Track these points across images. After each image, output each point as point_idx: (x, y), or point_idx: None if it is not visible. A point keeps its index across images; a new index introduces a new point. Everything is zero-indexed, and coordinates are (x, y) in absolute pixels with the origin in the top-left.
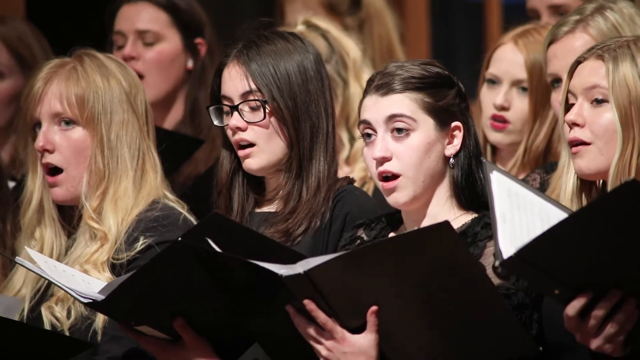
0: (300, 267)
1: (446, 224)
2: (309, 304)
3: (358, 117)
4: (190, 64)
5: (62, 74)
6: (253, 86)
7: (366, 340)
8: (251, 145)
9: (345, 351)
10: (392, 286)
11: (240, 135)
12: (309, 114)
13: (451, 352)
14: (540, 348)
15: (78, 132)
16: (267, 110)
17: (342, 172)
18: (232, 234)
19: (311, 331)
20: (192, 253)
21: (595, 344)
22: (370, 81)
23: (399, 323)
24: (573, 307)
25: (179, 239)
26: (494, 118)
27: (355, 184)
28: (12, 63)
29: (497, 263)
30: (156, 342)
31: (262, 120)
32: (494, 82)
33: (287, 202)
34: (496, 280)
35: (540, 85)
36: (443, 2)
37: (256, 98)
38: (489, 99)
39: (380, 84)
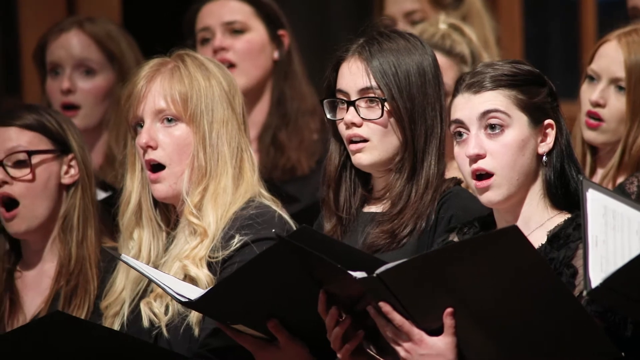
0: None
1: (515, 228)
2: (384, 306)
3: (448, 118)
4: (276, 54)
5: (165, 73)
6: (373, 83)
7: (443, 342)
8: (364, 140)
9: (423, 353)
10: (464, 289)
11: (355, 131)
12: (425, 117)
13: (527, 353)
14: (623, 354)
15: (181, 129)
16: (385, 109)
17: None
18: (321, 245)
19: (389, 332)
20: (289, 254)
21: None
22: (460, 81)
23: (474, 324)
24: None
25: (275, 234)
26: (589, 115)
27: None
28: (103, 60)
29: (584, 292)
30: (253, 340)
31: (379, 118)
32: (593, 78)
33: (396, 203)
34: None
35: (639, 86)
36: (537, 2)
37: (375, 95)
38: (587, 95)
39: (471, 83)
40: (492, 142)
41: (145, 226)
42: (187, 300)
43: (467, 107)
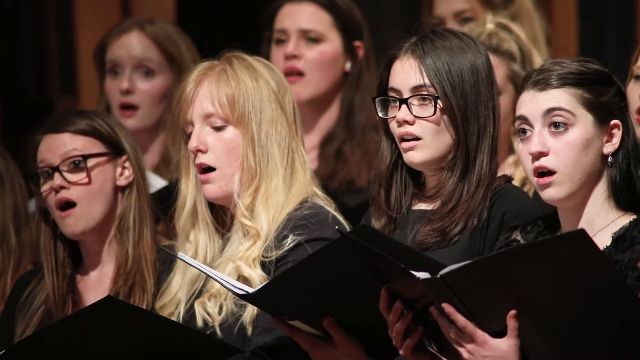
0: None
1: (582, 232)
2: (447, 307)
3: (513, 115)
4: (348, 66)
5: (212, 76)
6: (426, 81)
7: (507, 345)
8: (416, 139)
9: (486, 355)
10: (528, 291)
11: (407, 129)
12: (478, 116)
13: (591, 357)
14: None
15: (230, 132)
16: (438, 107)
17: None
18: (380, 244)
19: (452, 333)
20: (349, 252)
21: None
22: (527, 77)
23: (537, 327)
24: None
25: (337, 230)
26: (638, 112)
27: (515, 183)
28: (163, 61)
29: None
30: (308, 338)
31: (431, 115)
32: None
33: (447, 201)
34: None
35: None
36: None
37: (428, 93)
38: (636, 92)
39: (537, 80)
40: (556, 140)
41: (201, 228)
42: (244, 292)
43: (531, 103)
